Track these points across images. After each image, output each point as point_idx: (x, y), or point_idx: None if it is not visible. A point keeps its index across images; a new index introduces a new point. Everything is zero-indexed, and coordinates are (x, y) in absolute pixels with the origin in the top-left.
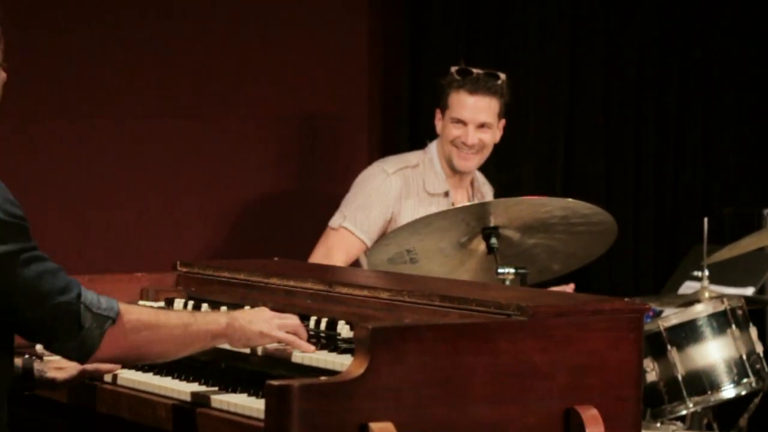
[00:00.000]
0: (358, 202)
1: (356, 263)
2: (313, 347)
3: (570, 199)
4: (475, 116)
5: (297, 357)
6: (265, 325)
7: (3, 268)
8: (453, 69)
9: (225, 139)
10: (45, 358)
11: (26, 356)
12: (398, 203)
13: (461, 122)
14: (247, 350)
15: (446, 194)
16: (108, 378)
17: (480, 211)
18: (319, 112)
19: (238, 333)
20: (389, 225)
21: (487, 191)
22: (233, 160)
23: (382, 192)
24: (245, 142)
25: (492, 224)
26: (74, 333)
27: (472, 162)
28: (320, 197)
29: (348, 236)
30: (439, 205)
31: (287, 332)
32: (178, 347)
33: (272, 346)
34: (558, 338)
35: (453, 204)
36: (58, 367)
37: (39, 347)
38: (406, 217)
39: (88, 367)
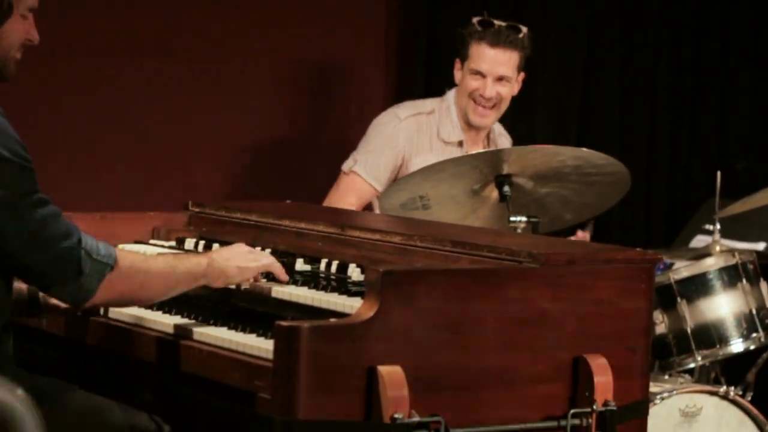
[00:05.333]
0: (369, 147)
1: (369, 208)
2: (286, 278)
3: (584, 149)
4: (494, 69)
5: (308, 299)
6: (241, 260)
7: (8, 210)
8: (475, 20)
9: (241, 82)
10: None
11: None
12: (409, 149)
13: (480, 74)
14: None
15: (460, 144)
16: (101, 311)
17: (493, 158)
18: (335, 57)
19: (217, 272)
20: (400, 170)
21: (503, 143)
22: (249, 102)
23: (392, 137)
24: (261, 85)
25: (505, 172)
26: (74, 278)
27: (488, 119)
28: (334, 142)
29: (358, 181)
30: (452, 154)
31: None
32: (166, 290)
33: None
34: (569, 286)
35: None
36: None
37: None
38: (417, 164)
39: None
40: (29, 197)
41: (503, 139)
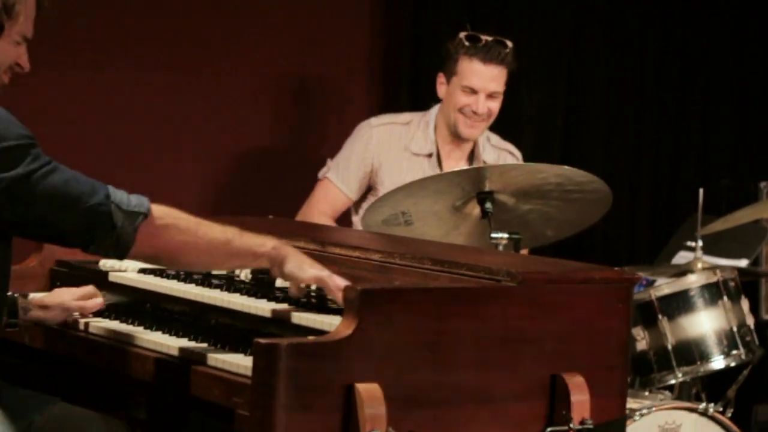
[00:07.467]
0: (342, 154)
1: (348, 222)
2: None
3: (565, 167)
4: (486, 85)
5: (294, 318)
6: (307, 264)
7: (28, 185)
8: (462, 35)
9: (224, 95)
10: (30, 296)
11: (10, 293)
12: (378, 156)
13: (472, 91)
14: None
15: (429, 156)
16: (83, 326)
17: (476, 175)
18: (319, 71)
19: (280, 259)
20: (371, 178)
21: (505, 158)
22: (232, 116)
23: (363, 144)
24: (244, 98)
25: (487, 189)
26: (109, 233)
27: (478, 130)
28: (318, 156)
29: (331, 187)
30: (422, 165)
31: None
32: (216, 259)
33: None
34: (547, 305)
35: (440, 164)
36: (41, 305)
37: (32, 298)
38: (387, 171)
39: (73, 305)
40: (44, 168)
41: (506, 156)
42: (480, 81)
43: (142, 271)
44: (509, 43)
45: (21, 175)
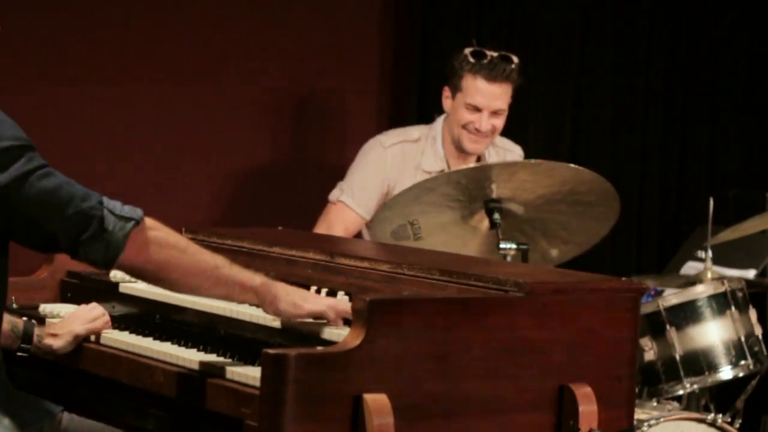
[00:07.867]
0: (355, 176)
1: (359, 236)
2: (342, 324)
3: (571, 164)
4: (490, 104)
5: (296, 326)
6: (299, 298)
7: (22, 184)
8: (467, 51)
9: (232, 108)
10: (47, 320)
11: (25, 319)
12: (394, 176)
13: (476, 109)
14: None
15: (441, 172)
16: (93, 337)
17: (481, 175)
18: (328, 84)
19: (270, 296)
20: (387, 198)
21: (500, 155)
22: (240, 129)
23: (377, 166)
24: (254, 111)
25: (494, 194)
26: (99, 236)
27: (482, 145)
28: (328, 169)
29: (345, 210)
30: None
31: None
32: (202, 283)
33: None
34: (554, 315)
35: None
36: (53, 333)
37: (42, 308)
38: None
39: (82, 333)
40: (39, 170)
41: (504, 154)
42: (484, 99)
43: None
44: (515, 59)
45: (14, 177)
